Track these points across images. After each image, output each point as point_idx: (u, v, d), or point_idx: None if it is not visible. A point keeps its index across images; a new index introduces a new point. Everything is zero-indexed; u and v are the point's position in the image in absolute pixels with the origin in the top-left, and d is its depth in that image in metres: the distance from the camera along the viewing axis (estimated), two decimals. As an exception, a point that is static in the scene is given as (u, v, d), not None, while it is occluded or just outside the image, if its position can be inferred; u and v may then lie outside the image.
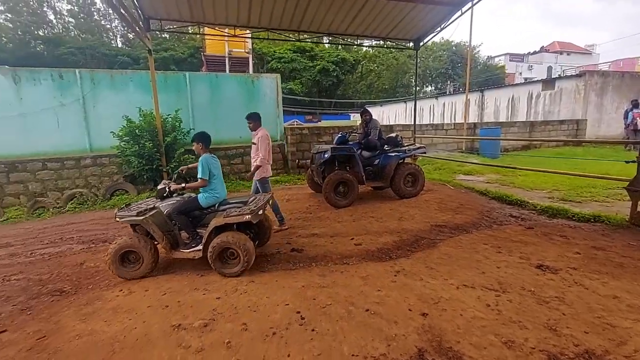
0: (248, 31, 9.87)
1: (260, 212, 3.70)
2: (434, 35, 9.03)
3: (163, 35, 36.41)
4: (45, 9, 38.10)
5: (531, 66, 44.28)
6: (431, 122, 22.73)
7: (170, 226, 3.77)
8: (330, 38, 9.86)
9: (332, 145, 6.28)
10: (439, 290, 2.94)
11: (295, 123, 22.89)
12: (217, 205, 3.89)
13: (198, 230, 3.85)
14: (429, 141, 11.49)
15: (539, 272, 3.24)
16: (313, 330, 2.39)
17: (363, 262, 3.76)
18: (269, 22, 7.97)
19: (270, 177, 5.13)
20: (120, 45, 39.31)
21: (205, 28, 8.98)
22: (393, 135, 6.90)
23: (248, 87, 9.68)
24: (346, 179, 6.02)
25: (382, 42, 9.87)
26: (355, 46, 26.30)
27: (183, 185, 3.90)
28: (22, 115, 7.57)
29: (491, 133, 11.65)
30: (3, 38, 31.79)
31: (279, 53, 33.67)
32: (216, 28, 8.31)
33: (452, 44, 44.45)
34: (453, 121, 21.42)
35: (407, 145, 6.82)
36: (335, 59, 35.56)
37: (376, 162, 6.48)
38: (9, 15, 33.99)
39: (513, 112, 18.50)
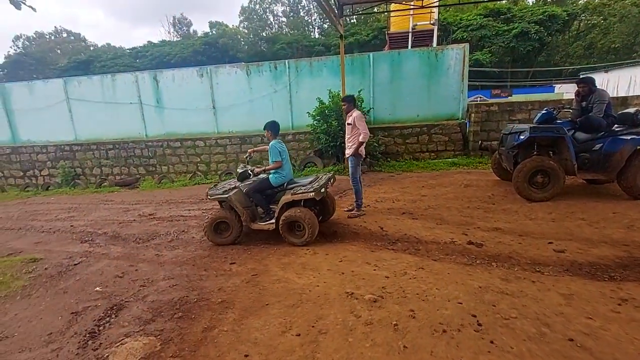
0: (435, 0, 9.15)
1: (323, 190, 4.08)
2: None
3: (351, 21, 38.95)
4: (267, 14, 47.65)
5: None
6: None
7: (248, 202, 4.35)
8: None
9: (531, 125, 5.17)
10: None
11: (479, 99, 20.10)
12: (285, 184, 4.32)
13: (271, 206, 4.38)
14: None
15: None
16: (492, 342, 2.11)
17: (565, 275, 2.99)
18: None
19: (363, 157, 5.02)
20: (317, 36, 44.73)
21: (392, 4, 8.91)
22: (630, 110, 4.98)
23: (431, 61, 9.12)
24: (548, 167, 4.86)
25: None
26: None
27: (263, 168, 4.41)
28: (250, 101, 9.89)
29: None
30: (242, 41, 42.01)
31: (466, 20, 29.83)
32: (403, 2, 8.11)
33: None
34: None
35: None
36: (541, 17, 28.38)
37: (597, 147, 4.87)
38: (246, 23, 44.64)
39: None
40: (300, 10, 47.82)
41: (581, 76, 5.41)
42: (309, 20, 47.79)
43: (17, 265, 4.09)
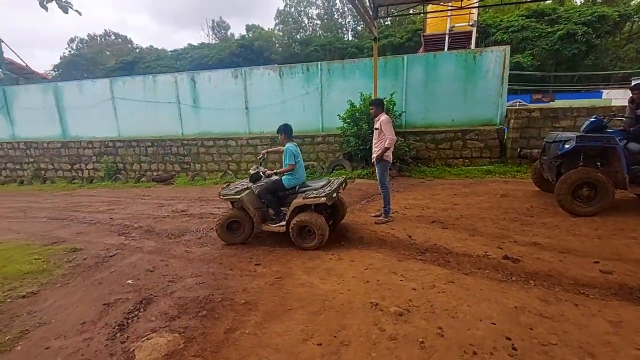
0: (475, 1, 8.79)
1: (334, 195, 4.09)
2: None
3: (386, 23, 38.48)
4: (302, 16, 48.21)
5: None
6: None
7: (260, 204, 4.37)
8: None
9: (578, 133, 4.79)
10: None
11: (518, 103, 19.06)
12: (297, 187, 4.32)
13: (282, 208, 4.34)
14: None
15: None
16: (528, 369, 1.95)
17: (613, 299, 2.72)
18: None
19: (390, 163, 4.95)
20: (350, 38, 44.61)
21: (429, 5, 8.67)
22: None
23: (468, 63, 8.77)
24: (595, 179, 4.48)
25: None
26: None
27: (275, 171, 4.47)
28: (282, 102, 9.99)
29: None
30: (276, 43, 42.78)
31: (507, 21, 28.44)
32: (441, 3, 7.86)
33: None
34: None
35: None
36: (589, 18, 26.46)
37: (654, 159, 4.45)
38: (281, 25, 45.45)
39: None
40: (335, 12, 47.96)
41: (634, 81, 4.94)
42: (343, 23, 47.80)
43: (60, 254, 4.37)
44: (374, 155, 4.89)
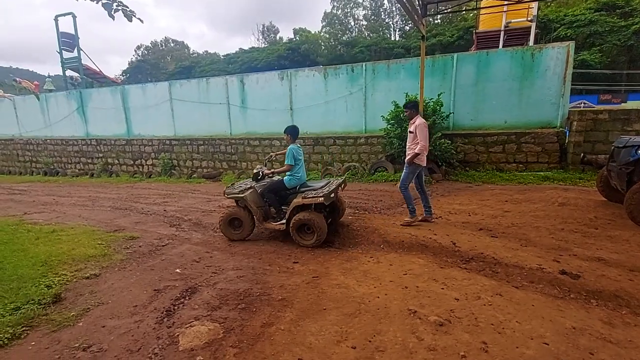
0: (537, -7, 8.13)
1: (332, 195, 4.32)
2: None
3: (435, 21, 37.13)
4: (348, 17, 48.18)
5: None
6: None
7: (262, 202, 4.59)
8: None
9: (657, 138, 4.24)
10: None
11: (582, 104, 17.29)
12: (298, 187, 4.50)
13: (283, 208, 4.56)
14: None
15: None
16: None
17: (696, 328, 2.35)
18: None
19: (422, 167, 4.82)
20: (397, 38, 43.70)
21: (484, 1, 8.19)
22: None
23: (525, 62, 8.14)
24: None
25: None
26: None
27: (272, 170, 4.72)
28: (326, 103, 10.06)
29: None
30: (322, 46, 43.21)
31: (571, 16, 25.82)
32: (496, -1, 7.39)
33: None
34: None
35: None
36: (669, 10, 23.11)
37: None
38: (327, 28, 45.83)
39: None
40: (382, 12, 47.28)
41: None
42: (390, 23, 46.96)
43: (119, 240, 4.79)
44: (406, 158, 4.83)
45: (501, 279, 3.13)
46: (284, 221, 4.42)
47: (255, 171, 4.73)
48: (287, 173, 4.51)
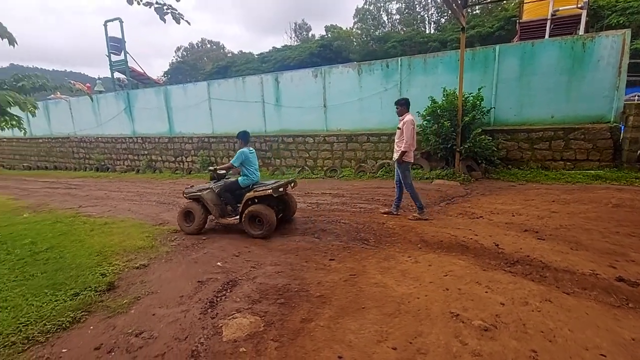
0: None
1: (281, 189, 4.71)
2: None
3: (474, 12, 35.48)
4: (381, 12, 47.29)
5: None
6: None
7: (219, 201, 5.02)
8: None
9: None
10: None
11: (637, 97, 15.71)
12: (251, 185, 4.90)
13: (238, 205, 4.94)
14: None
15: None
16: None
17: None
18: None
19: (412, 163, 5.12)
20: (432, 31, 42.24)
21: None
22: None
23: (575, 52, 7.57)
24: None
25: None
26: None
27: (221, 167, 5.23)
28: (360, 99, 9.97)
29: None
30: (354, 42, 42.79)
31: (624, 1, 23.44)
32: (544, -15, 6.91)
33: None
34: None
35: None
36: None
37: None
38: (359, 24, 45.30)
39: None
40: (417, 5, 45.93)
41: None
42: (425, 16, 45.50)
43: (165, 233, 5.07)
44: (394, 155, 5.11)
45: (550, 284, 2.96)
46: (237, 216, 4.85)
47: (210, 170, 5.50)
48: (241, 174, 4.99)
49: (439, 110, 7.91)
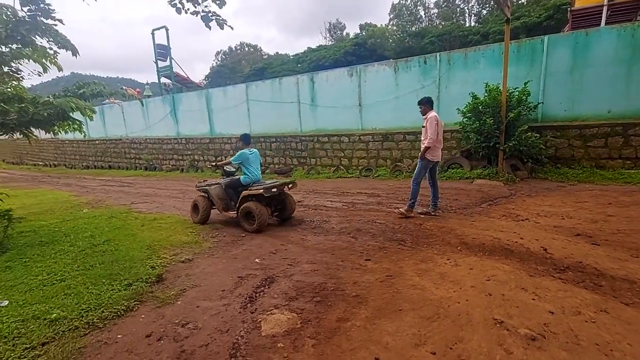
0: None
1: (274, 189, 5.03)
2: None
3: (519, 2, 33.40)
4: (418, 7, 45.96)
5: None
6: None
7: (224, 195, 5.59)
8: None
9: None
10: None
11: None
12: (251, 184, 5.31)
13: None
14: None
15: None
16: None
17: None
18: None
19: (438, 162, 5.23)
20: (472, 24, 40.31)
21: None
22: None
23: (636, 40, 6.91)
24: None
25: None
26: None
27: (223, 162, 5.87)
28: (396, 98, 9.80)
29: None
30: (389, 39, 41.98)
31: None
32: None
33: None
34: None
35: None
36: None
37: None
38: (395, 20, 44.36)
39: None
40: (457, -3, 44.11)
41: None
42: (465, 8, 43.56)
43: (207, 230, 5.34)
44: (420, 154, 5.18)
45: (606, 293, 2.73)
46: (235, 210, 5.31)
47: (212, 165, 6.11)
48: (243, 172, 5.44)
49: (480, 107, 7.57)
